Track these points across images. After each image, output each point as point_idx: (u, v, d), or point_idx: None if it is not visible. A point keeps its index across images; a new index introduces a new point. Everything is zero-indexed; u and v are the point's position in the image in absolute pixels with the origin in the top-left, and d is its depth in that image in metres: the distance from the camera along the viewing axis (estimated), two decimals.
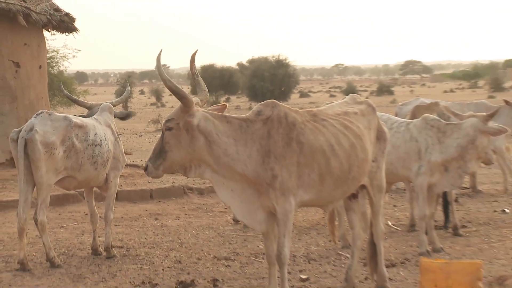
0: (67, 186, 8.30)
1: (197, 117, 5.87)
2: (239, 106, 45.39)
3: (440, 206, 9.66)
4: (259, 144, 5.95)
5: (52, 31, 15.74)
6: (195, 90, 6.39)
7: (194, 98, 6.11)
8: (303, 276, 7.40)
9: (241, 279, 7.39)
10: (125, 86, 43.74)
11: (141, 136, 25.81)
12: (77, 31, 15.56)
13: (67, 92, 9.80)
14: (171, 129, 5.90)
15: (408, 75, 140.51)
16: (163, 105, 51.28)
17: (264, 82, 49.71)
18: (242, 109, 41.45)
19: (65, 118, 7.94)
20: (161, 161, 5.90)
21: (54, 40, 28.56)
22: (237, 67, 63.20)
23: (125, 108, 43.66)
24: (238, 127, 5.98)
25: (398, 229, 9.85)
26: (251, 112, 6.19)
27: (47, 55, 18.95)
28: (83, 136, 8.00)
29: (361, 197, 6.89)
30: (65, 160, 7.84)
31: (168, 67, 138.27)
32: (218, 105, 6.56)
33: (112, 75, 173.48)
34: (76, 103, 9.43)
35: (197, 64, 6.29)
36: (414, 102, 13.02)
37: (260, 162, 5.92)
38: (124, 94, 9.70)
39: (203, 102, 6.27)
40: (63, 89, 9.86)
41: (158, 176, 6.01)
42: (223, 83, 54.96)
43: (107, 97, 50.36)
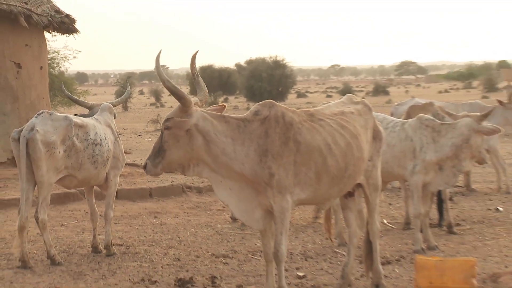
0: (67, 185, 8.29)
1: (195, 116, 5.87)
2: (237, 106, 45.37)
3: (435, 205, 9.67)
4: (257, 143, 5.94)
5: (53, 33, 15.73)
6: (194, 91, 6.39)
7: (193, 98, 6.11)
8: (300, 273, 7.40)
9: (239, 276, 7.39)
10: (124, 87, 43.75)
11: (141, 135, 25.77)
12: (77, 32, 15.56)
13: (68, 93, 9.80)
14: (170, 128, 5.90)
15: (404, 75, 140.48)
16: (162, 105, 51.24)
17: (261, 83, 49.68)
18: (240, 109, 41.43)
19: (66, 118, 7.93)
20: (159, 160, 5.90)
21: (55, 41, 28.56)
22: (235, 68, 63.15)
23: (125, 108, 43.70)
24: (236, 127, 5.97)
25: (394, 227, 9.86)
26: (249, 112, 6.18)
27: (48, 56, 18.93)
28: (83, 136, 8.00)
29: (357, 195, 6.89)
30: (66, 159, 7.84)
31: (167, 68, 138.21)
32: (217, 106, 6.55)
33: (112, 76, 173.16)
34: (77, 103, 9.43)
35: (196, 64, 6.28)
36: (409, 102, 13.01)
37: (257, 161, 5.91)
38: (124, 95, 9.70)
39: (203, 102, 6.26)
40: (64, 89, 9.86)
41: (156, 174, 6.00)
42: (222, 83, 54.92)
43: (107, 97, 50.33)
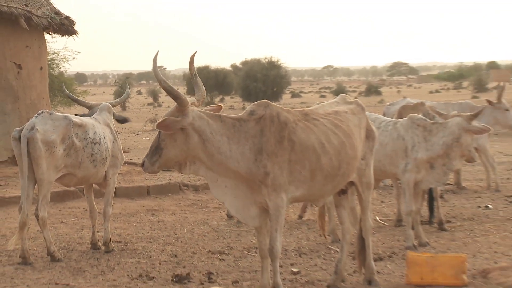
0: (67, 183, 8.28)
1: (191, 116, 5.86)
2: (233, 106, 45.30)
3: (426, 202, 9.67)
4: (252, 142, 5.94)
5: (53, 34, 15.70)
6: (191, 91, 6.39)
7: (190, 98, 6.11)
8: (295, 269, 7.40)
9: (235, 272, 7.38)
10: (123, 87, 43.68)
11: (139, 135, 25.73)
12: (76, 34, 15.53)
13: (69, 92, 9.80)
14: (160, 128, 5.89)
15: (395, 76, 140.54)
16: (159, 105, 51.12)
17: (257, 83, 49.62)
18: (236, 109, 41.37)
19: (65, 117, 7.92)
20: (157, 158, 5.89)
21: (54, 42, 28.43)
22: (231, 69, 63.11)
23: (123, 108, 43.60)
24: (231, 126, 5.97)
25: (386, 224, 9.86)
26: (244, 111, 6.18)
27: (48, 57, 18.89)
28: (82, 135, 7.98)
29: (350, 193, 6.88)
30: (65, 158, 7.83)
31: (165, 69, 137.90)
32: (213, 106, 6.55)
33: (110, 76, 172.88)
34: (77, 102, 9.42)
35: (194, 65, 6.28)
36: (401, 102, 13.00)
37: (252, 160, 5.91)
38: (124, 95, 9.69)
39: (200, 102, 6.26)
40: (65, 89, 9.85)
41: (154, 172, 5.99)
42: (218, 84, 54.85)
43: (106, 97, 50.23)
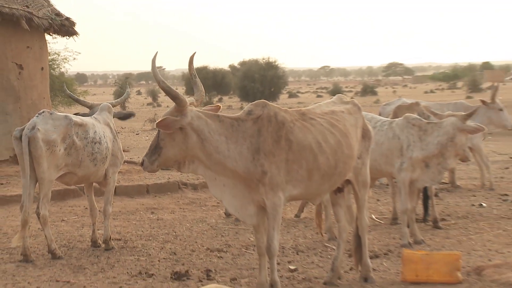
0: (67, 181, 8.27)
1: (190, 116, 5.86)
2: (231, 106, 45.32)
3: (421, 200, 9.67)
4: (250, 142, 5.94)
5: (54, 35, 15.67)
6: (190, 91, 6.39)
7: (189, 98, 6.11)
8: (292, 267, 7.39)
9: (233, 269, 7.38)
10: (123, 87, 43.66)
11: (138, 134, 25.71)
12: (77, 35, 15.51)
13: (70, 92, 9.80)
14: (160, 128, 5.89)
15: (391, 76, 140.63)
16: (159, 105, 51.13)
17: (254, 83, 49.62)
18: (234, 108, 41.38)
19: (66, 117, 7.92)
20: (156, 157, 5.89)
21: (55, 43, 28.48)
22: (229, 69, 63.11)
23: (123, 108, 43.59)
24: (229, 126, 5.96)
25: (382, 222, 9.86)
26: (242, 111, 6.18)
27: (49, 58, 18.87)
28: (83, 134, 7.98)
29: (346, 192, 6.89)
30: (66, 157, 7.82)
31: (164, 69, 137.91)
32: (212, 106, 6.54)
33: (110, 77, 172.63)
34: (78, 102, 9.41)
35: (194, 65, 6.27)
36: (397, 102, 12.99)
37: (250, 159, 5.91)
38: (124, 95, 9.68)
39: (199, 102, 6.25)
40: (66, 89, 9.84)
41: (153, 170, 5.99)
42: (216, 84, 54.87)
43: (106, 97, 50.21)
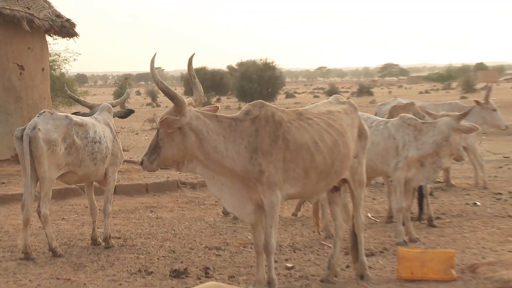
0: (68, 180, 8.27)
1: (188, 116, 5.86)
2: (229, 106, 45.30)
3: (416, 199, 9.68)
4: (247, 141, 5.94)
5: (54, 36, 15.64)
6: (188, 92, 6.38)
7: (187, 99, 6.11)
8: (289, 265, 7.39)
9: (231, 267, 7.38)
10: (122, 88, 43.62)
11: (138, 134, 25.69)
12: (77, 36, 15.49)
13: (71, 93, 9.80)
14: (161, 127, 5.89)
15: (387, 77, 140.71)
16: (158, 105, 51.07)
17: (252, 84, 49.64)
18: (232, 109, 41.36)
19: (66, 117, 7.91)
20: (155, 156, 5.89)
21: (56, 44, 28.46)
22: (227, 70, 63.13)
23: (123, 108, 43.51)
24: (227, 126, 5.96)
25: (377, 220, 9.87)
26: (240, 111, 6.18)
27: (50, 58, 18.85)
28: (83, 134, 7.97)
29: (343, 190, 6.89)
30: (66, 157, 7.81)
31: (163, 70, 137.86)
32: (210, 107, 6.54)
33: (110, 77, 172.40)
34: (78, 102, 9.41)
35: (193, 66, 6.27)
36: (392, 102, 13.00)
37: (248, 158, 5.91)
38: (124, 96, 9.68)
39: (197, 102, 6.25)
40: (67, 90, 9.84)
41: (152, 170, 5.99)
42: (214, 84, 54.85)
43: (106, 97, 50.14)
